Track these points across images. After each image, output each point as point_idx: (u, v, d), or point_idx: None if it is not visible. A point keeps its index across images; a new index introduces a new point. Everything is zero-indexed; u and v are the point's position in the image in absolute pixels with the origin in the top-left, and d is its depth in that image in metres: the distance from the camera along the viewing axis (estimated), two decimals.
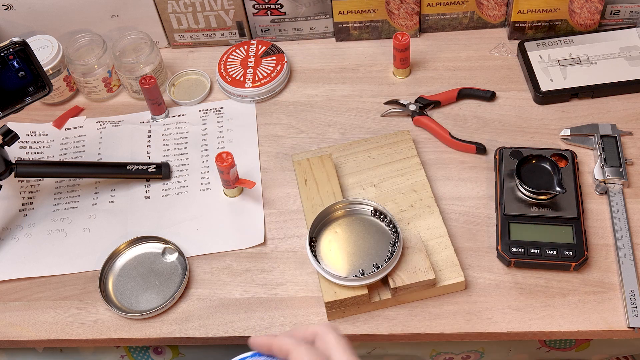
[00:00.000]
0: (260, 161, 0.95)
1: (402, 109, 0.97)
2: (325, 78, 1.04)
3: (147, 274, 0.85)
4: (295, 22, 1.07)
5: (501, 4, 1.04)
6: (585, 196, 0.86)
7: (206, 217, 0.89)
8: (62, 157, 0.99)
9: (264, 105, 1.02)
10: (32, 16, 1.03)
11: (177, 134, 0.99)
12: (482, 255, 0.82)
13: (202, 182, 0.94)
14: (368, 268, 0.77)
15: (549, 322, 0.77)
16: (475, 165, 0.91)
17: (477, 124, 0.96)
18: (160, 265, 0.85)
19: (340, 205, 0.81)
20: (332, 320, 0.79)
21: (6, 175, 0.86)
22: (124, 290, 0.84)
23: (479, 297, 0.79)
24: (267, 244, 0.86)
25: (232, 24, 1.07)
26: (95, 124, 1.02)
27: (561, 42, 1.01)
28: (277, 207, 0.90)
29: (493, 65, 1.03)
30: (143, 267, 0.85)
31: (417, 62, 1.04)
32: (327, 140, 0.96)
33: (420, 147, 0.93)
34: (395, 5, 1.03)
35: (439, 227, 0.83)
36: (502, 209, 0.83)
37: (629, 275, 0.78)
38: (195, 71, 1.06)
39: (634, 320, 0.75)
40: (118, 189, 0.94)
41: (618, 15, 1.04)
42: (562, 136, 0.92)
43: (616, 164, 0.87)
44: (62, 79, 1.02)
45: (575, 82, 0.96)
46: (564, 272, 0.80)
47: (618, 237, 0.81)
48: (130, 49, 1.03)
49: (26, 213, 0.93)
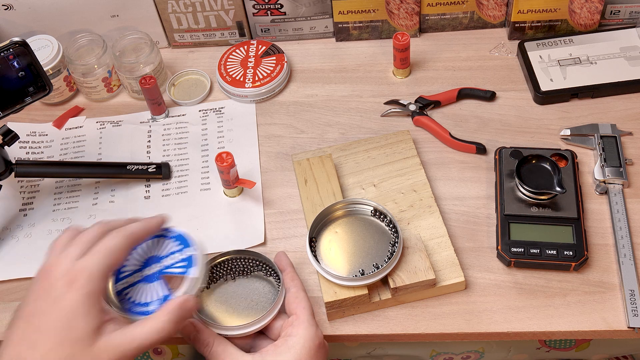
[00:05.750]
0: (260, 161, 0.95)
1: (402, 109, 0.98)
2: (325, 78, 1.04)
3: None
4: (295, 22, 1.07)
5: (501, 4, 1.04)
6: (585, 196, 0.86)
7: (206, 217, 0.89)
8: (62, 157, 0.99)
9: (264, 105, 1.02)
10: (32, 16, 1.03)
11: (177, 134, 0.99)
12: (482, 255, 0.82)
13: (202, 182, 0.94)
14: (368, 268, 0.77)
15: (549, 322, 0.77)
16: (475, 165, 0.91)
17: (477, 124, 0.96)
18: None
19: (340, 205, 0.81)
20: (332, 320, 0.79)
21: (6, 175, 0.86)
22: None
23: (479, 297, 0.79)
24: (267, 244, 0.86)
25: (232, 24, 1.07)
26: (95, 124, 1.02)
27: (561, 42, 1.01)
28: (277, 207, 0.90)
29: (493, 65, 1.03)
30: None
31: (417, 62, 1.04)
32: (327, 140, 0.96)
33: (420, 147, 0.93)
34: (395, 5, 1.03)
35: (439, 227, 0.83)
36: (502, 209, 0.83)
37: (629, 275, 0.78)
38: (195, 71, 1.06)
39: (634, 320, 0.75)
40: (118, 189, 0.94)
41: (618, 15, 1.04)
42: (562, 136, 0.92)
43: (616, 164, 0.87)
44: (62, 79, 1.02)
45: (575, 82, 0.96)
46: (564, 272, 0.80)
47: (618, 237, 0.81)
48: (130, 49, 1.03)
49: (26, 213, 0.93)
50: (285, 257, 0.78)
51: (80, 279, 0.61)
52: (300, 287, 0.73)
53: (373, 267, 0.76)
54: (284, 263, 0.77)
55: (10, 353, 0.60)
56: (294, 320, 0.69)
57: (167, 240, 0.72)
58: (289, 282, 0.74)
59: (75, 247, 0.64)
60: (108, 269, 0.63)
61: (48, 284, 0.62)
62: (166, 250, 0.71)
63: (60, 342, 0.59)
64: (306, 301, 0.71)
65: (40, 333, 0.60)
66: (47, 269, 0.63)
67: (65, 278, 0.61)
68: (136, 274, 0.70)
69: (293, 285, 0.73)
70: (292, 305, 0.71)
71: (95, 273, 0.62)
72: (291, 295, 0.72)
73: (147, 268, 0.70)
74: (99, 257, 0.63)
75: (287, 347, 0.67)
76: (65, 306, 0.60)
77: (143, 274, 0.70)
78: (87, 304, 0.61)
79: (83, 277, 0.61)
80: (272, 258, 0.77)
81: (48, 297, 0.61)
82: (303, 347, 0.66)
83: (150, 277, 0.69)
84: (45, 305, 0.61)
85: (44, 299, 0.61)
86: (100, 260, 0.63)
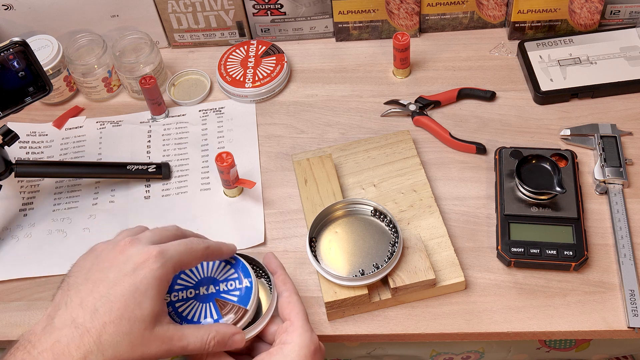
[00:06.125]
0: (260, 161, 0.95)
1: (402, 109, 0.98)
2: (325, 78, 1.04)
3: None
4: (295, 22, 1.07)
5: (501, 4, 1.04)
6: (585, 196, 0.86)
7: (206, 217, 0.89)
8: (62, 157, 0.99)
9: (264, 105, 1.02)
10: (32, 16, 1.03)
11: (177, 134, 0.99)
12: (482, 255, 0.82)
13: (202, 182, 0.94)
14: (368, 268, 0.77)
15: (549, 322, 0.77)
16: (475, 165, 0.91)
17: (477, 124, 0.96)
18: None
19: (340, 205, 0.81)
20: (332, 320, 0.79)
21: (6, 175, 0.86)
22: None
23: (479, 297, 0.79)
24: (267, 244, 0.86)
25: (232, 24, 1.07)
26: (95, 124, 1.02)
27: (561, 42, 1.01)
28: (277, 207, 0.90)
29: (493, 65, 1.03)
30: None
31: (417, 62, 1.04)
32: (327, 140, 0.96)
33: (420, 147, 0.93)
34: (395, 5, 1.03)
35: (439, 227, 0.83)
36: (502, 209, 0.83)
37: (629, 275, 0.78)
38: (195, 71, 1.06)
39: (634, 320, 0.75)
40: (118, 189, 0.94)
41: (618, 15, 1.04)
42: (562, 136, 0.92)
43: (616, 164, 0.87)
44: (62, 79, 1.02)
45: (575, 82, 0.96)
46: (564, 272, 0.80)
47: (618, 237, 0.81)
48: (130, 49, 1.03)
49: (26, 213, 0.93)
50: (274, 258, 0.74)
51: (157, 261, 0.61)
52: (293, 291, 0.70)
53: (373, 267, 0.76)
54: (274, 265, 0.73)
55: (64, 317, 0.58)
56: (288, 326, 0.67)
57: (227, 265, 0.71)
58: (281, 286, 0.71)
59: (153, 234, 0.65)
60: (181, 265, 0.63)
61: (124, 257, 0.61)
62: (225, 274, 0.70)
63: (122, 316, 0.58)
64: (300, 305, 0.68)
65: (104, 301, 0.58)
66: (122, 245, 0.63)
67: (141, 255, 0.61)
68: (189, 290, 0.69)
69: (285, 289, 0.70)
70: (285, 311, 0.68)
71: (169, 261, 0.62)
72: (284, 299, 0.69)
73: (202, 287, 0.69)
74: (178, 250, 0.63)
75: (282, 355, 0.65)
76: (137, 282, 0.59)
77: (197, 292, 0.69)
78: (157, 286, 0.60)
79: (160, 261, 0.61)
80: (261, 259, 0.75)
81: (122, 268, 0.60)
82: (299, 355, 0.64)
83: (205, 297, 0.69)
84: (117, 276, 0.60)
85: (117, 270, 0.60)
86: (179, 253, 0.63)
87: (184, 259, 0.64)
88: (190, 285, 0.70)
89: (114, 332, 0.57)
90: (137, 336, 0.58)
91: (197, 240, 0.66)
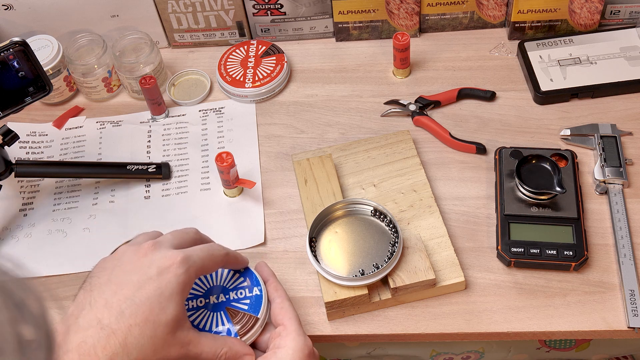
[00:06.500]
0: (260, 161, 0.95)
1: (402, 109, 0.97)
2: (325, 78, 1.04)
3: None
4: (295, 22, 1.07)
5: (501, 4, 1.04)
6: (585, 196, 0.86)
7: (206, 217, 0.89)
8: (62, 157, 0.99)
9: (264, 105, 1.02)
10: (32, 16, 1.03)
11: (177, 134, 0.99)
12: (482, 255, 0.82)
13: (202, 182, 0.94)
14: (368, 268, 0.77)
15: (549, 322, 0.77)
16: (475, 165, 0.91)
17: (477, 124, 0.96)
18: None
19: (340, 205, 0.81)
20: (332, 320, 0.79)
21: (6, 175, 0.86)
22: None
23: (479, 297, 0.79)
24: (267, 244, 0.86)
25: (232, 24, 1.07)
26: (95, 124, 1.02)
27: (561, 42, 1.01)
28: (277, 207, 0.90)
29: (493, 65, 1.03)
30: None
31: (417, 62, 1.04)
32: (327, 140, 0.96)
33: (420, 147, 0.93)
34: (395, 5, 1.03)
35: (439, 227, 0.83)
36: (502, 209, 0.83)
37: (629, 275, 0.78)
38: (195, 71, 1.06)
39: (634, 320, 0.75)
40: (118, 189, 0.94)
41: (618, 15, 1.04)
42: (562, 136, 0.92)
43: (616, 164, 0.87)
44: (62, 79, 1.02)
45: (575, 82, 0.96)
46: (564, 272, 0.80)
47: (618, 237, 0.81)
48: (130, 49, 1.03)
49: (26, 213, 0.93)
50: (266, 267, 0.74)
51: (182, 266, 0.61)
52: (285, 297, 0.71)
53: (373, 267, 0.76)
54: (266, 273, 0.73)
55: (89, 317, 0.59)
56: (282, 331, 0.67)
57: (235, 273, 0.71)
58: (273, 293, 0.71)
59: (174, 237, 0.65)
60: (202, 270, 0.64)
61: (148, 260, 0.62)
62: (234, 283, 0.71)
63: (147, 320, 0.59)
64: (292, 311, 0.69)
65: (129, 304, 0.59)
66: (145, 248, 0.63)
67: (166, 260, 0.61)
68: (199, 298, 0.70)
69: (277, 295, 0.71)
70: (278, 317, 0.69)
71: (193, 267, 0.62)
72: (276, 306, 0.70)
73: (212, 296, 0.70)
74: (200, 256, 0.63)
75: (276, 359, 0.65)
76: (162, 286, 0.60)
77: (208, 301, 0.69)
78: (181, 291, 0.61)
79: (184, 266, 0.61)
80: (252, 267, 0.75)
81: (146, 272, 0.61)
82: (292, 359, 0.64)
83: (215, 305, 0.69)
84: (141, 279, 0.60)
85: (141, 273, 0.61)
86: (202, 259, 0.63)
87: (205, 265, 0.64)
88: (200, 294, 0.70)
89: (139, 335, 0.58)
90: (160, 340, 0.59)
91: (218, 247, 0.67)
